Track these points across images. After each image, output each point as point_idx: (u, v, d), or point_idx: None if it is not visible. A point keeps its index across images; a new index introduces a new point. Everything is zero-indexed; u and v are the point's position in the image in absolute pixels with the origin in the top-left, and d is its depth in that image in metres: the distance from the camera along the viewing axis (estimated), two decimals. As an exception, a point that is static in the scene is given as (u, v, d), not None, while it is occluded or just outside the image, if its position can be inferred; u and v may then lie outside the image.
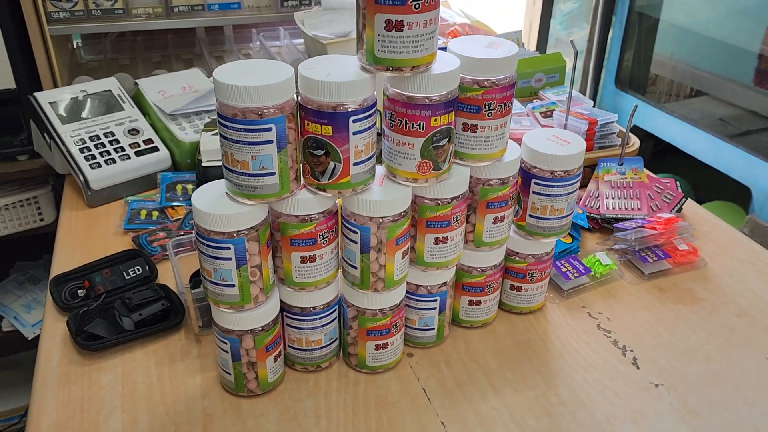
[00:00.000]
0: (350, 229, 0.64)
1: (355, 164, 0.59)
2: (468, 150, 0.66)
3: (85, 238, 0.96)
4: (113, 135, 1.08)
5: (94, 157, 1.04)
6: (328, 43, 1.05)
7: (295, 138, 0.58)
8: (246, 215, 0.59)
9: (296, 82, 0.57)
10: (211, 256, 0.60)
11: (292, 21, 1.29)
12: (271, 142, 0.56)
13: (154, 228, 0.96)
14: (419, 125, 0.59)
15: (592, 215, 0.98)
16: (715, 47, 2.17)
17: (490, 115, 0.63)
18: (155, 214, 0.99)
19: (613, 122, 1.07)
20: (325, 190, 0.60)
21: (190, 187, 1.04)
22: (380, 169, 0.65)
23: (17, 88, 1.18)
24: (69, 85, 1.15)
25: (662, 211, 0.97)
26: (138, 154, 1.06)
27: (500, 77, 0.62)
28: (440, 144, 0.61)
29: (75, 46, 1.54)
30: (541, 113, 1.14)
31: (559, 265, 0.87)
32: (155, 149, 1.08)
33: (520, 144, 0.72)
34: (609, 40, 2.47)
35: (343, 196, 0.62)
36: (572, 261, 0.88)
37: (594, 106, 2.75)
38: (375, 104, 0.58)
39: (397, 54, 0.55)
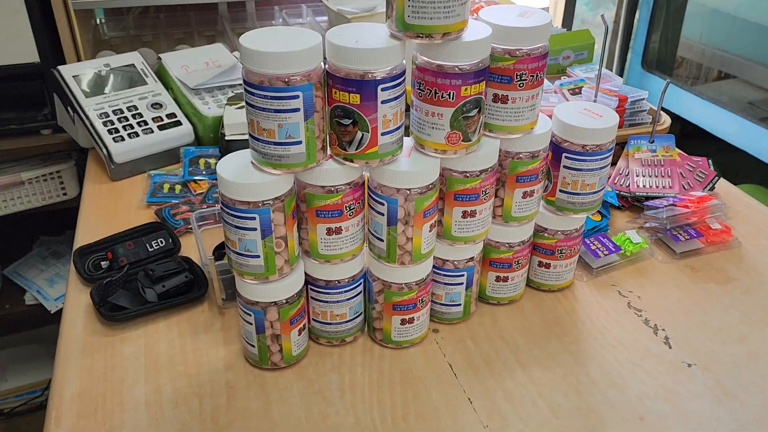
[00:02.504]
0: (377, 201, 0.62)
1: (383, 134, 0.58)
2: (498, 122, 0.64)
3: (108, 211, 0.96)
4: (136, 109, 1.07)
5: (117, 130, 1.03)
6: (352, 18, 1.03)
7: (322, 107, 0.57)
8: (272, 185, 0.58)
9: (324, 50, 0.56)
10: (236, 226, 0.59)
11: (315, -4, 1.27)
12: (297, 110, 0.54)
13: (177, 201, 0.95)
14: (449, 95, 0.57)
15: (621, 193, 0.96)
16: (746, 28, 2.12)
17: (521, 85, 0.61)
18: (178, 188, 0.99)
19: (643, 99, 1.05)
20: (352, 161, 0.59)
21: (212, 161, 1.03)
22: (408, 141, 0.64)
23: (41, 62, 1.17)
24: (93, 59, 1.15)
25: (694, 190, 0.95)
26: (161, 128, 1.06)
27: (532, 47, 0.60)
28: (470, 114, 0.59)
29: (98, 22, 1.53)
30: (569, 90, 1.11)
31: (588, 242, 0.85)
32: (178, 123, 1.07)
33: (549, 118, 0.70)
34: (636, 21, 2.42)
35: (370, 167, 0.60)
36: (602, 239, 0.86)
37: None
38: (404, 73, 0.57)
39: (427, 20, 0.53)
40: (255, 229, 0.59)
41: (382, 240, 0.64)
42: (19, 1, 1.13)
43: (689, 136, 2.35)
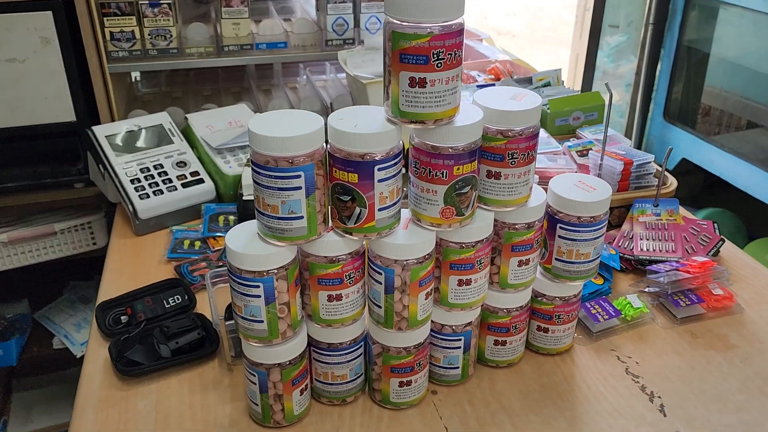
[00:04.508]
0: (375, 270, 0.66)
1: (380, 210, 0.61)
2: (492, 196, 0.67)
3: (131, 265, 1.01)
4: (162, 167, 1.13)
5: (143, 188, 1.09)
6: (368, 83, 1.09)
7: (323, 184, 0.61)
8: (275, 256, 0.62)
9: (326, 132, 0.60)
10: (241, 293, 0.63)
11: (336, 58, 1.33)
12: (299, 188, 0.59)
13: (196, 258, 1.00)
14: (442, 173, 0.61)
15: (625, 256, 0.97)
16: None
17: (513, 163, 0.65)
18: (198, 244, 1.04)
19: (649, 162, 1.07)
20: (351, 234, 0.63)
21: (232, 218, 1.08)
22: (406, 213, 0.67)
23: (77, 121, 1.25)
24: (124, 119, 1.22)
25: (697, 254, 0.96)
26: (184, 185, 1.11)
27: (524, 128, 0.64)
28: (463, 191, 0.63)
29: (134, 79, 1.62)
30: (577, 152, 1.14)
31: (589, 306, 0.87)
32: (201, 181, 1.13)
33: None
34: (657, 74, 2.45)
35: (368, 239, 0.64)
36: (602, 303, 0.88)
37: (642, 139, 2.69)
38: (400, 153, 0.61)
39: (420, 108, 0.57)
40: (259, 297, 0.63)
41: (380, 307, 0.68)
42: (59, 64, 1.21)
43: (712, 187, 2.35)
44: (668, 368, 0.80)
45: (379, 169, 0.59)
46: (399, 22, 0.55)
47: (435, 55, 0.55)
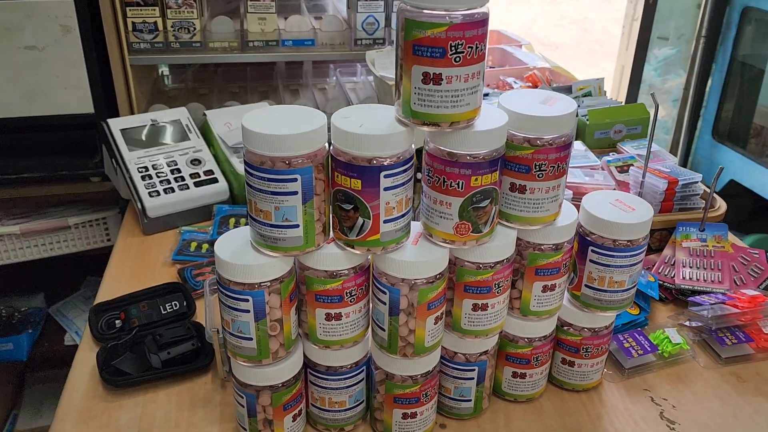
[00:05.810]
0: (379, 289, 0.59)
1: (385, 221, 0.55)
2: (515, 212, 0.60)
3: (134, 266, 0.96)
4: (176, 164, 1.08)
5: (154, 185, 1.04)
6: (392, 84, 1.02)
7: (324, 189, 0.55)
8: (267, 267, 0.55)
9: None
10: (229, 306, 0.57)
11: (365, 58, 1.27)
12: (295, 193, 0.52)
13: (202, 261, 0.94)
14: (458, 184, 0.54)
15: (665, 284, 0.89)
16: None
17: (540, 176, 0.57)
18: (205, 246, 0.98)
19: (697, 182, 0.98)
20: (353, 247, 0.56)
21: (243, 221, 1.03)
22: (417, 226, 0.60)
23: (95, 113, 1.21)
24: (141, 113, 1.18)
25: (747, 287, 0.87)
26: (197, 184, 1.06)
27: (554, 136, 0.56)
28: (481, 205, 0.55)
29: (160, 73, 1.59)
30: (617, 167, 1.06)
31: (622, 339, 0.79)
32: (215, 180, 1.08)
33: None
34: (707, 89, 2.33)
35: (372, 254, 0.57)
36: (637, 336, 0.79)
37: (688, 157, 2.56)
38: (411, 159, 0.54)
39: (434, 108, 0.50)
40: (248, 311, 0.57)
41: (383, 329, 0.61)
42: (79, 54, 1.17)
43: (762, 211, 2.22)
44: (708, 415, 0.71)
45: (385, 176, 0.52)
46: (413, 9, 0.48)
47: (453, 48, 0.48)
